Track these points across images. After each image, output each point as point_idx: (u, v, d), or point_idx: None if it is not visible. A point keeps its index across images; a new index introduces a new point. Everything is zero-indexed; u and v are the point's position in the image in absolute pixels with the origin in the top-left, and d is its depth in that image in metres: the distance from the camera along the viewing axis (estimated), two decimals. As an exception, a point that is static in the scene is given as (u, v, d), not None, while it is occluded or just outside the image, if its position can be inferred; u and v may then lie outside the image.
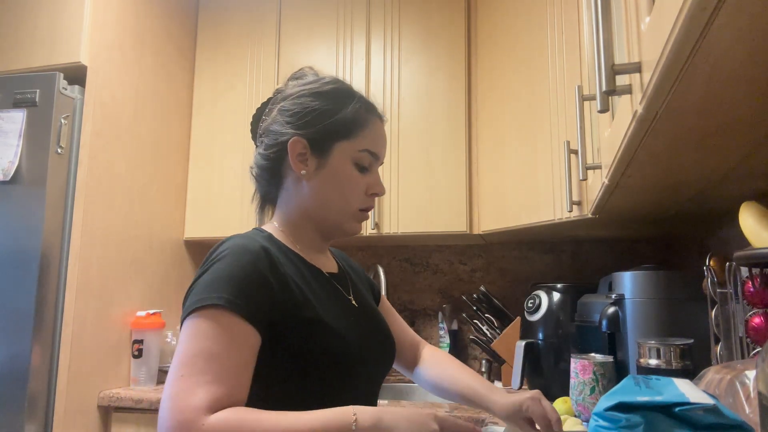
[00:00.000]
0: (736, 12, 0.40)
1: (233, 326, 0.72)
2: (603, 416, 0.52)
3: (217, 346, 0.70)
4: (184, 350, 0.70)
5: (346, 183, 0.89)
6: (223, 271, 0.75)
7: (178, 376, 0.68)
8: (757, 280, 0.81)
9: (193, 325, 0.72)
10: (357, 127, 0.90)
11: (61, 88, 1.71)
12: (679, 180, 0.94)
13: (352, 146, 0.89)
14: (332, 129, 0.89)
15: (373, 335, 0.94)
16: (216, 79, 2.25)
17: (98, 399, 1.75)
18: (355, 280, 1.03)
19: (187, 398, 0.66)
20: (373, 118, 0.93)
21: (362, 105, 0.93)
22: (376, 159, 0.93)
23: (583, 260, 2.11)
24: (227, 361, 0.70)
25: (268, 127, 0.93)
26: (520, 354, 1.60)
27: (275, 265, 0.80)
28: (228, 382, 0.69)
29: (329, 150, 0.89)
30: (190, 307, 0.73)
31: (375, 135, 0.92)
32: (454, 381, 1.04)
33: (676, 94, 0.55)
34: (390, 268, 2.29)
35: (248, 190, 2.13)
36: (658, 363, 1.03)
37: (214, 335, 0.70)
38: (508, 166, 1.79)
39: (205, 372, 0.68)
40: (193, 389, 0.66)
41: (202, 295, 0.73)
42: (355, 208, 0.91)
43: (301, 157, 0.89)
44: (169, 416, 0.65)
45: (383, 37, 2.10)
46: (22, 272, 1.62)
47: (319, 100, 0.90)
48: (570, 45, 1.46)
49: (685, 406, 0.49)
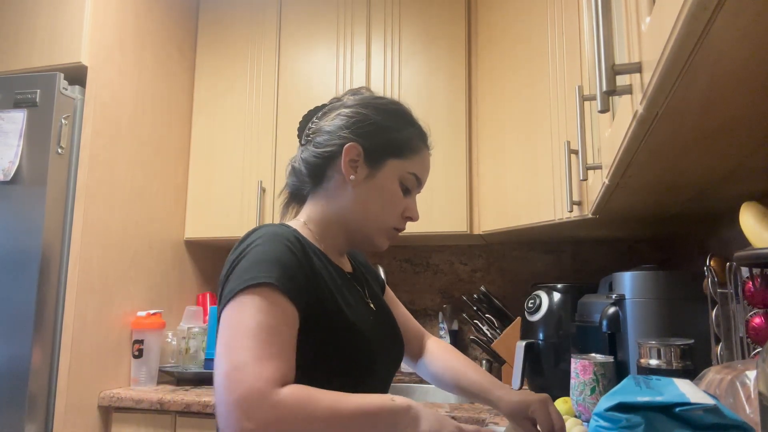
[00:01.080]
0: (737, 12, 0.40)
1: (283, 304, 0.73)
2: (603, 416, 0.52)
3: (274, 321, 0.71)
4: (241, 324, 0.70)
5: (389, 199, 0.92)
6: (265, 254, 0.76)
7: (242, 346, 0.68)
8: (758, 281, 0.81)
9: (246, 301, 0.72)
10: (410, 150, 0.94)
11: (62, 89, 1.71)
12: (680, 180, 0.94)
13: (402, 166, 0.93)
14: (388, 145, 0.92)
15: (388, 338, 0.96)
16: (216, 80, 2.25)
17: (98, 399, 1.75)
18: (369, 280, 1.05)
19: (257, 368, 0.66)
20: (424, 148, 0.97)
21: (418, 132, 0.97)
22: (419, 185, 0.97)
23: (584, 260, 2.11)
24: (283, 336, 0.71)
25: (322, 127, 0.94)
26: (521, 354, 1.60)
27: (307, 254, 0.82)
28: (288, 357, 0.71)
29: (382, 163, 0.92)
30: (239, 286, 0.73)
31: (423, 163, 0.97)
32: (458, 374, 1.05)
33: (677, 94, 0.55)
34: (390, 268, 2.29)
35: (249, 190, 2.14)
36: (659, 363, 1.03)
37: (269, 310, 0.71)
38: (509, 166, 1.79)
39: (270, 344, 0.69)
40: (261, 360, 0.67)
41: (249, 274, 0.74)
42: (389, 225, 0.94)
43: (353, 163, 0.91)
44: (238, 386, 0.65)
45: (383, 37, 2.10)
46: (22, 272, 1.62)
47: (381, 115, 0.93)
48: (570, 45, 1.46)
49: (686, 407, 0.49)
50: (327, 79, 2.12)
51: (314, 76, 2.14)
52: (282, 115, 2.15)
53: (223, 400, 0.65)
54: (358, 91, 1.01)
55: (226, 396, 0.65)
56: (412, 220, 0.97)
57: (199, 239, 2.20)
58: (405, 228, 0.98)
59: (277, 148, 2.13)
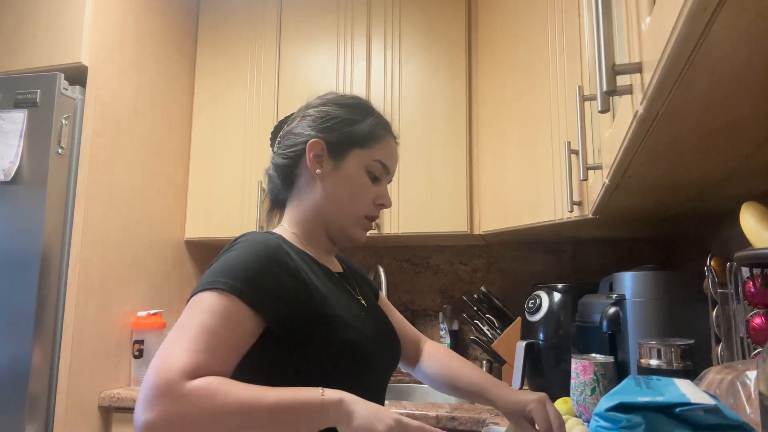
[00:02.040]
0: (737, 12, 0.40)
1: (231, 308, 0.74)
2: (604, 417, 0.52)
3: (211, 321, 0.72)
4: (180, 321, 0.73)
5: (357, 188, 0.93)
6: (232, 259, 0.79)
7: (170, 341, 0.71)
8: (758, 281, 0.81)
9: (194, 301, 0.75)
10: (373, 139, 0.95)
11: (62, 89, 1.71)
12: (680, 180, 0.94)
13: (367, 155, 0.94)
14: (350, 136, 0.93)
15: (382, 333, 0.96)
16: (216, 80, 2.26)
17: (99, 399, 1.75)
18: (359, 281, 1.06)
19: (172, 360, 0.67)
20: (388, 136, 0.98)
21: (380, 121, 0.98)
22: (387, 173, 0.98)
23: (584, 260, 2.11)
24: (218, 336, 0.72)
25: (290, 131, 0.98)
26: (521, 354, 1.60)
27: (289, 259, 0.83)
28: (214, 354, 0.71)
29: (345, 155, 0.93)
30: (196, 289, 0.76)
31: (389, 151, 0.98)
32: (455, 375, 1.05)
33: (677, 94, 0.55)
34: (390, 268, 2.29)
35: (249, 190, 2.14)
36: (659, 363, 1.02)
37: (211, 311, 0.73)
38: (509, 167, 1.79)
39: (195, 341, 0.70)
40: (180, 353, 0.68)
41: (207, 278, 0.77)
42: (361, 214, 0.94)
43: (318, 158, 0.93)
44: (153, 374, 0.66)
45: (383, 37, 2.10)
46: (22, 272, 1.62)
47: (341, 109, 0.96)
48: (570, 45, 1.46)
49: (686, 407, 0.49)
50: (327, 79, 2.12)
51: (314, 76, 2.14)
52: (282, 115, 2.13)
53: (143, 385, 0.67)
54: (323, 95, 1.03)
55: (143, 383, 0.67)
56: (385, 207, 0.98)
57: (200, 239, 2.20)
58: (378, 216, 0.98)
59: (278, 148, 2.12)
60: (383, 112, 1.01)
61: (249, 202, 2.13)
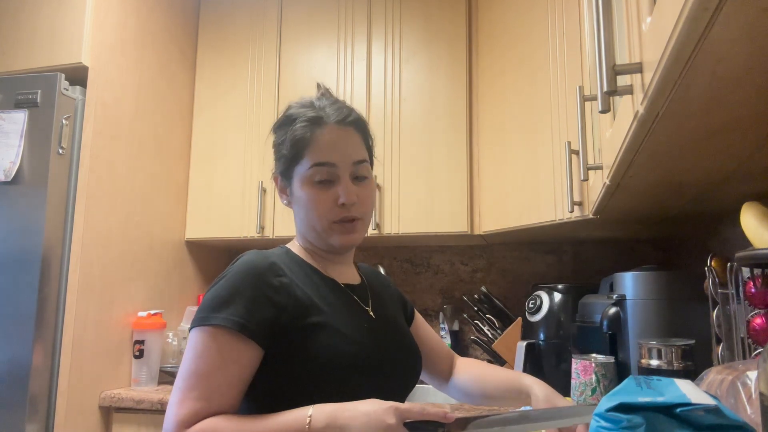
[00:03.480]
0: (738, 12, 0.40)
1: (224, 346, 0.79)
2: (604, 417, 0.52)
3: (207, 366, 0.78)
4: (183, 365, 0.80)
5: (309, 203, 0.92)
6: (226, 289, 0.82)
7: (175, 388, 0.79)
8: (759, 281, 0.81)
9: (193, 339, 0.80)
10: (301, 147, 0.92)
11: (63, 89, 1.72)
12: (681, 180, 0.94)
13: (303, 166, 0.92)
14: (286, 159, 0.95)
15: (392, 346, 0.95)
16: (217, 80, 2.26)
17: (99, 399, 1.75)
18: (381, 294, 1.04)
19: (171, 413, 0.76)
20: (317, 130, 0.91)
21: (303, 123, 0.92)
22: (333, 166, 0.90)
23: (585, 261, 2.11)
24: (215, 379, 0.78)
25: None
26: (521, 355, 1.60)
27: (279, 276, 0.85)
28: (212, 399, 0.77)
29: (291, 177, 0.95)
30: (193, 324, 0.81)
31: (321, 145, 0.91)
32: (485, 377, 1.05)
33: (678, 94, 0.55)
34: (391, 268, 2.29)
35: (249, 191, 2.14)
36: (660, 364, 1.02)
37: (208, 355, 0.78)
38: (509, 167, 1.79)
39: (191, 389, 0.77)
40: (180, 403, 0.77)
41: (204, 313, 0.81)
42: (326, 223, 0.91)
43: (282, 190, 0.98)
44: (164, 425, 0.77)
45: (384, 37, 2.10)
46: (23, 273, 1.62)
47: (276, 134, 0.98)
48: (571, 45, 1.46)
49: (687, 407, 0.49)
50: (328, 78, 2.12)
51: (315, 75, 2.14)
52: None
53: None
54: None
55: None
56: (348, 203, 0.90)
57: (200, 240, 2.20)
58: (351, 214, 0.91)
59: (278, 148, 2.13)
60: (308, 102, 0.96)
61: (250, 202, 2.13)
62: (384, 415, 0.72)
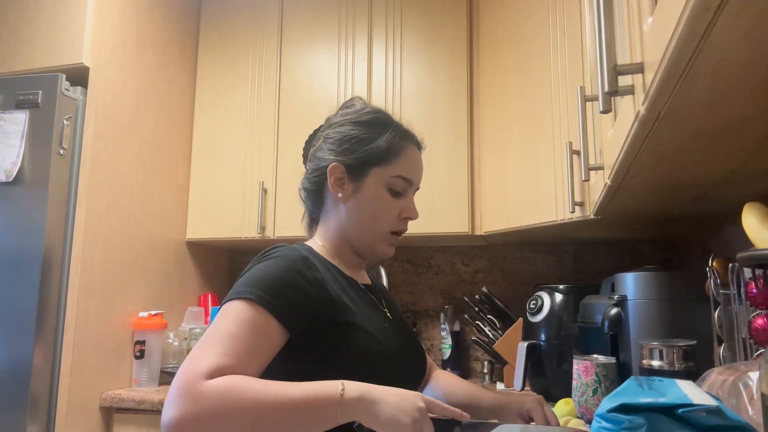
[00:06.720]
0: (739, 12, 0.40)
1: (258, 318, 0.78)
2: (605, 418, 0.52)
3: (237, 328, 0.76)
4: (210, 328, 0.78)
5: (379, 206, 0.95)
6: (261, 270, 0.83)
7: (198, 346, 0.75)
8: (761, 281, 0.80)
9: (223, 310, 0.79)
10: (391, 154, 0.96)
11: (64, 89, 1.72)
12: (682, 181, 0.94)
13: (386, 172, 0.96)
14: (368, 155, 0.95)
15: (408, 346, 0.98)
16: (218, 80, 2.26)
17: (100, 400, 1.75)
18: (386, 294, 1.09)
19: (195, 363, 0.72)
20: (408, 145, 0.99)
21: (398, 133, 0.98)
22: (410, 185, 0.99)
23: (586, 261, 2.11)
24: (243, 342, 0.75)
25: (314, 153, 1.01)
26: (522, 355, 1.60)
27: (313, 270, 0.87)
28: (238, 358, 0.74)
29: (365, 175, 0.95)
30: (227, 297, 0.81)
31: (409, 162, 0.98)
32: (449, 390, 1.09)
33: (679, 94, 0.55)
34: (392, 268, 2.29)
35: (250, 191, 2.14)
36: (661, 364, 1.02)
37: (238, 320, 0.77)
38: (511, 167, 1.79)
39: (220, 345, 0.74)
40: (203, 357, 0.73)
41: (238, 288, 0.81)
42: (386, 231, 0.97)
43: (339, 182, 0.96)
44: (177, 376, 0.71)
45: (385, 38, 2.10)
46: (24, 273, 1.62)
47: (357, 128, 0.97)
48: (572, 45, 1.46)
49: (688, 408, 0.49)
50: (328, 79, 2.12)
51: (316, 76, 2.14)
52: (283, 115, 2.15)
53: (171, 386, 0.72)
54: (348, 104, 1.04)
55: (171, 385, 0.71)
56: (411, 219, 1.00)
57: (201, 240, 2.20)
58: (405, 229, 1.00)
59: (279, 148, 2.13)
60: (403, 120, 1.02)
61: (250, 202, 2.13)
62: (414, 398, 0.75)
